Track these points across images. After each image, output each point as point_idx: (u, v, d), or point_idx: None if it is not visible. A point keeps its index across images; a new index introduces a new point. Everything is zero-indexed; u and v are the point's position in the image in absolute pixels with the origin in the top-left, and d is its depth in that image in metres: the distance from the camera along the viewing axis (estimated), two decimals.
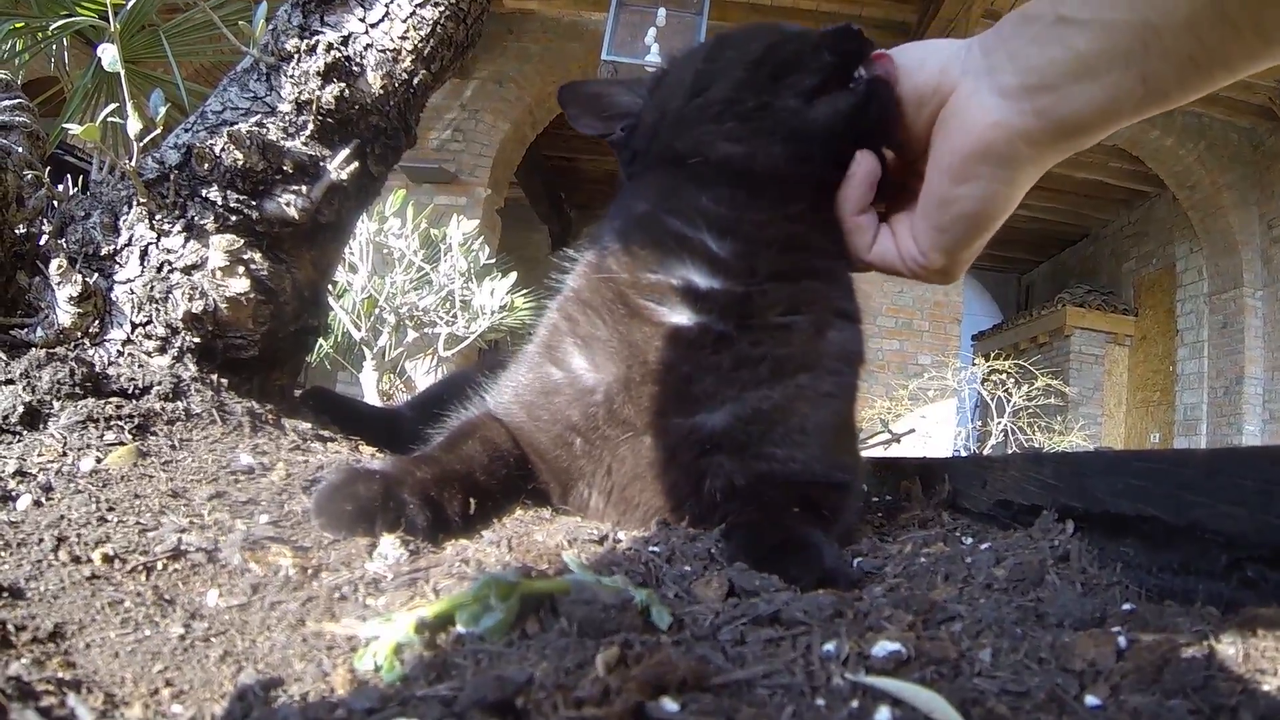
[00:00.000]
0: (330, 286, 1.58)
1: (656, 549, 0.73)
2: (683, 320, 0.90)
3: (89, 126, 1.07)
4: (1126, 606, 0.55)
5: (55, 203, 1.21)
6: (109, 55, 1.17)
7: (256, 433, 1.02)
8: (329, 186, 1.22)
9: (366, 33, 1.26)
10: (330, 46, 1.21)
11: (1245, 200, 7.93)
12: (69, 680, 0.44)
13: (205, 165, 1.14)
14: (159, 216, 1.15)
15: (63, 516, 0.66)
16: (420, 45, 1.28)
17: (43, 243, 1.14)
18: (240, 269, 1.15)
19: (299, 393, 1.45)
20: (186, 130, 1.22)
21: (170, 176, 1.15)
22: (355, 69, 1.24)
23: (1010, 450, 6.89)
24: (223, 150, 1.14)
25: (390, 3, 1.27)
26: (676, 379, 0.89)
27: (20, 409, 0.89)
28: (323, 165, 1.22)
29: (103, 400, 0.94)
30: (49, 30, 1.78)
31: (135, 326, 1.13)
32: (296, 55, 1.21)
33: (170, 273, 1.14)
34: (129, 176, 1.14)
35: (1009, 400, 7.23)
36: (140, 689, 0.45)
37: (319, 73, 1.20)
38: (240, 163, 1.14)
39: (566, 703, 0.37)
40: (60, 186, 1.23)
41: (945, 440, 7.60)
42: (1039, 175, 0.78)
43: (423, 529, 0.73)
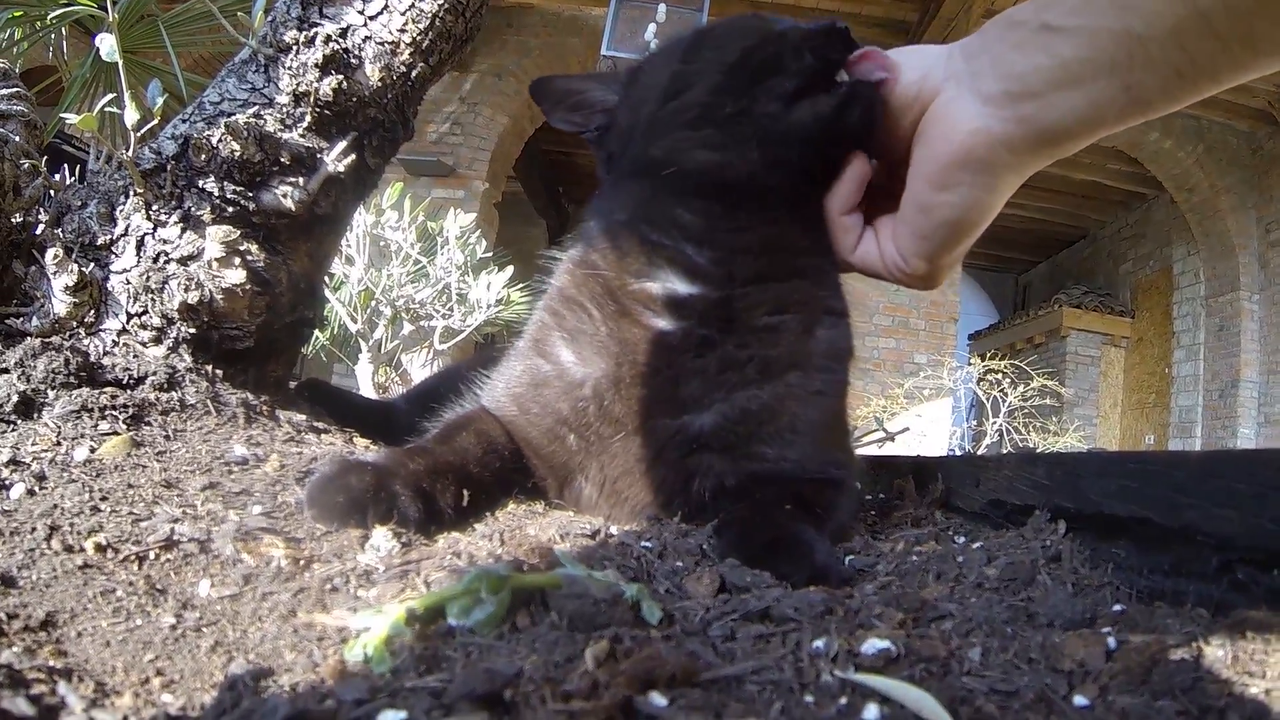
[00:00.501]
0: (326, 278, 1.57)
1: (648, 544, 0.73)
2: (666, 325, 0.90)
3: (86, 116, 1.07)
4: (1117, 607, 0.56)
5: (52, 192, 1.20)
6: (107, 45, 1.16)
7: (251, 424, 1.02)
8: (326, 178, 1.21)
9: (365, 25, 1.25)
10: (329, 38, 1.20)
11: (1243, 203, 7.94)
12: (60, 669, 0.44)
13: (202, 156, 1.14)
14: (155, 207, 1.14)
15: (56, 506, 0.66)
16: (419, 38, 1.28)
17: (39, 232, 1.14)
18: (236, 260, 1.15)
19: (294, 384, 1.45)
20: (184, 121, 1.21)
21: (167, 167, 1.15)
22: (353, 61, 1.24)
23: (1004, 450, 6.90)
24: (220, 141, 1.13)
25: None
26: (663, 381, 0.89)
27: (15, 398, 0.89)
28: (320, 157, 1.22)
29: (97, 390, 0.94)
30: (47, 19, 1.77)
31: (131, 316, 1.13)
32: (295, 47, 1.21)
33: (166, 263, 1.14)
34: (126, 166, 1.13)
35: (1004, 400, 7.24)
36: (131, 678, 0.45)
37: (317, 65, 1.19)
38: (237, 154, 1.14)
39: (555, 696, 0.37)
40: (57, 176, 1.22)
41: (940, 439, 7.62)
42: (1020, 182, 0.78)
43: (415, 521, 0.73)
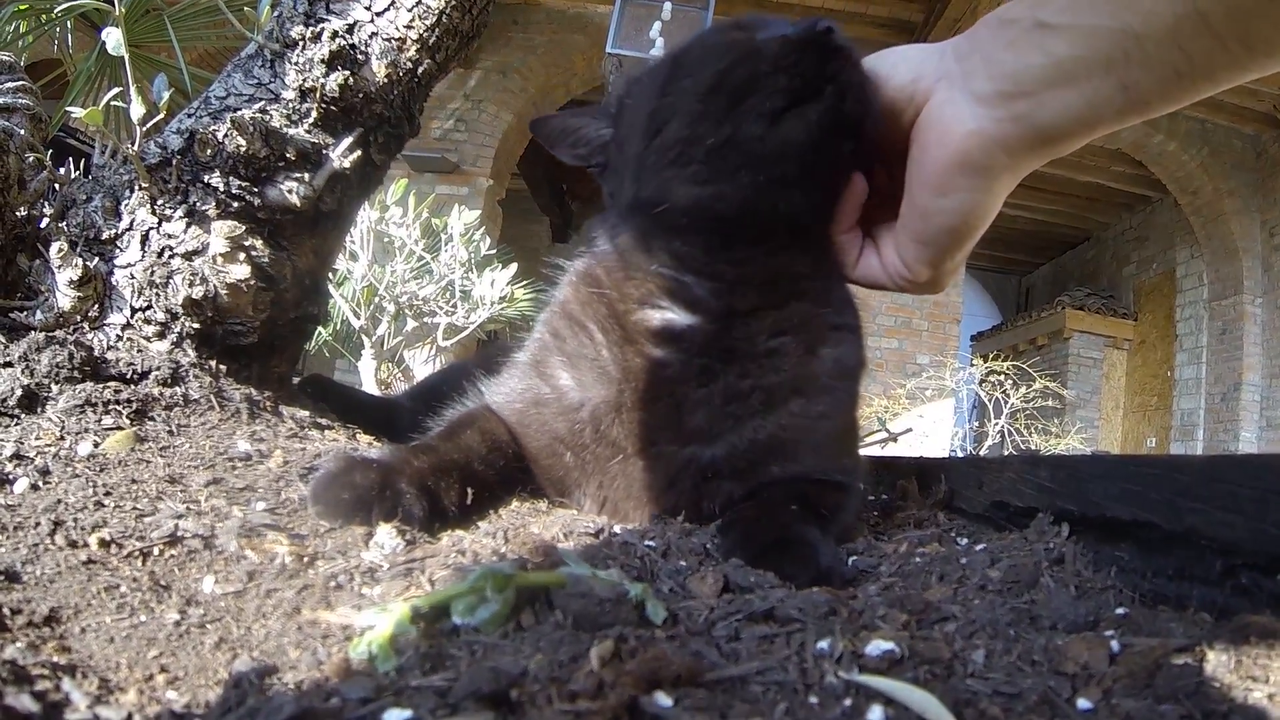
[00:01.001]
0: (330, 274, 1.57)
1: (652, 544, 0.73)
2: (667, 355, 0.89)
3: (92, 110, 1.07)
4: (1120, 611, 0.56)
5: (57, 186, 1.20)
6: (113, 39, 1.17)
7: (254, 420, 1.02)
8: (331, 174, 1.22)
9: (372, 21, 1.25)
10: (335, 34, 1.20)
11: (1247, 207, 7.93)
12: (64, 665, 0.44)
13: (208, 151, 1.14)
14: (160, 201, 1.14)
15: (59, 500, 0.66)
16: (425, 35, 1.28)
17: (44, 226, 1.14)
18: (241, 255, 1.15)
19: (297, 380, 1.45)
20: (190, 115, 1.21)
21: (173, 162, 1.15)
22: (360, 57, 1.24)
23: (1007, 452, 6.89)
24: (226, 136, 1.13)
25: None
26: (665, 409, 0.88)
27: (19, 392, 0.89)
28: (325, 153, 1.22)
29: (101, 384, 0.94)
30: (53, 13, 1.77)
31: (135, 311, 1.13)
32: (301, 42, 1.21)
33: (171, 258, 1.14)
34: (131, 161, 1.13)
35: (1006, 401, 7.23)
36: (135, 674, 0.45)
37: (323, 60, 1.19)
38: (243, 149, 1.14)
39: (560, 696, 0.37)
40: (62, 170, 1.23)
41: (942, 440, 7.61)
42: (1016, 182, 0.77)
43: (419, 518, 0.73)
